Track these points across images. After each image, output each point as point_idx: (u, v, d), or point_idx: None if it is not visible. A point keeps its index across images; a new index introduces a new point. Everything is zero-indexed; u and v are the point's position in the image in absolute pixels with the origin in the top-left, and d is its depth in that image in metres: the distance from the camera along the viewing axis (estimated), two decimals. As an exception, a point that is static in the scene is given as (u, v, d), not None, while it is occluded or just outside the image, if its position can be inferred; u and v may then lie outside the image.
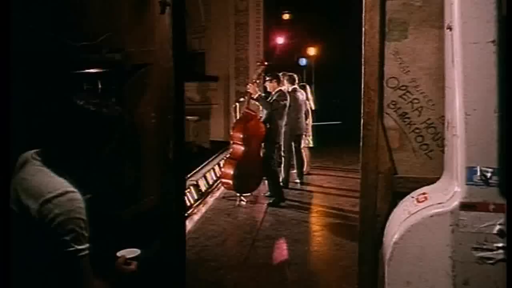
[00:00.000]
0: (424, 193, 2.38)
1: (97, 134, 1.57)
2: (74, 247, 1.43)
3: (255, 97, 6.15)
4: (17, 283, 1.48)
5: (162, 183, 2.83)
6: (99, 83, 2.78)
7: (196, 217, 5.75)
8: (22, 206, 1.46)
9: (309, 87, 8.27)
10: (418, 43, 2.57)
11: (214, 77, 10.85)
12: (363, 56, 2.62)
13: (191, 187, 6.19)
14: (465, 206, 2.11)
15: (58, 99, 1.63)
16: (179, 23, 2.86)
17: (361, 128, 2.65)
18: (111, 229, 1.64)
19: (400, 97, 2.61)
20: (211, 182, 7.14)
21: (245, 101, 6.37)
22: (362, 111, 2.64)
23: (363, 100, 2.63)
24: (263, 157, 6.29)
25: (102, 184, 1.69)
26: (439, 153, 2.54)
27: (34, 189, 1.46)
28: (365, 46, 2.61)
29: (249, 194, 6.47)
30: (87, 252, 1.47)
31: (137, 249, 1.80)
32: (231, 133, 6.47)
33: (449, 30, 2.23)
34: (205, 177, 7.01)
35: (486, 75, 2.07)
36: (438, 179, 2.43)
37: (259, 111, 6.47)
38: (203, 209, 6.10)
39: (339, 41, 15.15)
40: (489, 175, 2.06)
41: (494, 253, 2.07)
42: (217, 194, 6.88)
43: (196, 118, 10.05)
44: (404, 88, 2.60)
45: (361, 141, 2.65)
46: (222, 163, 7.42)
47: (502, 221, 2.05)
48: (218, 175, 7.41)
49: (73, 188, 1.48)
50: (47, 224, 1.41)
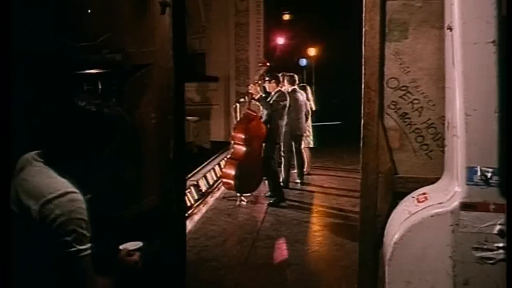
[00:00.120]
0: (424, 193, 2.38)
1: (98, 134, 1.58)
2: (75, 247, 1.43)
3: (256, 97, 6.16)
4: (18, 284, 1.49)
5: (162, 183, 2.84)
6: (100, 83, 2.78)
7: (196, 217, 5.75)
8: (22, 206, 1.46)
9: (309, 88, 8.28)
10: (418, 44, 2.57)
11: (214, 78, 10.85)
12: (363, 56, 2.62)
13: (192, 187, 6.19)
14: (466, 206, 2.11)
15: (58, 99, 1.64)
16: (179, 23, 2.86)
17: (362, 128, 2.65)
18: (112, 229, 1.64)
19: (400, 97, 2.61)
20: (211, 182, 7.14)
21: (247, 102, 6.38)
22: (362, 112, 2.64)
23: (363, 100, 2.64)
24: (263, 157, 6.29)
25: (103, 184, 1.69)
26: (439, 153, 2.54)
27: (34, 190, 1.46)
28: (365, 46, 2.61)
29: (249, 194, 6.47)
30: (89, 252, 1.47)
31: (139, 242, 1.81)
32: (233, 134, 6.47)
33: (449, 30, 2.23)
34: (205, 177, 7.01)
35: (486, 76, 2.08)
36: (438, 179, 2.43)
37: (259, 111, 6.48)
38: (203, 209, 6.10)
39: (339, 42, 15.14)
40: (489, 175, 2.06)
41: (494, 253, 2.07)
42: (217, 194, 6.88)
43: (196, 118, 10.06)
44: (404, 88, 2.60)
45: (362, 141, 2.65)
46: (223, 163, 7.43)
47: (502, 221, 2.05)
48: (218, 175, 7.41)
49: (74, 188, 1.48)
50: (48, 224, 1.42)
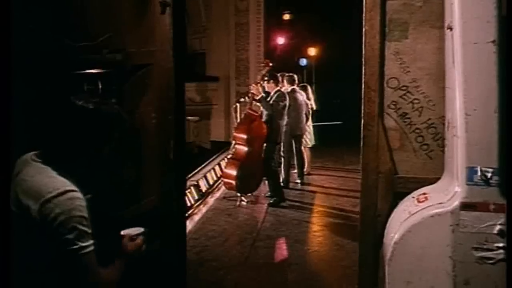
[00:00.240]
0: (424, 193, 2.38)
1: (96, 132, 1.58)
2: (78, 244, 1.44)
3: (257, 98, 6.16)
4: (17, 284, 1.49)
5: (162, 183, 2.84)
6: (100, 83, 2.78)
7: (196, 217, 5.75)
8: (21, 206, 1.46)
9: (310, 88, 8.27)
10: (418, 43, 2.57)
11: (214, 78, 10.85)
12: (363, 56, 2.62)
13: (192, 187, 6.19)
14: (466, 206, 2.11)
15: (58, 99, 1.64)
16: (179, 23, 2.86)
17: (362, 128, 2.65)
18: (112, 229, 1.64)
19: (400, 97, 2.61)
20: (211, 182, 7.14)
21: (248, 102, 6.39)
22: (362, 111, 2.64)
23: (363, 100, 2.64)
24: (263, 157, 6.29)
25: (102, 184, 1.69)
26: (439, 153, 2.54)
27: (33, 190, 1.47)
28: (365, 46, 2.61)
29: (249, 194, 6.47)
30: (91, 248, 1.48)
31: (140, 227, 1.81)
32: (234, 134, 6.47)
33: (449, 30, 2.23)
34: (205, 177, 7.01)
35: (486, 75, 2.08)
36: (438, 179, 2.43)
37: (259, 110, 6.47)
38: (203, 209, 6.10)
39: (339, 42, 15.14)
40: (489, 175, 2.07)
41: (494, 253, 2.07)
42: (217, 194, 6.88)
43: (196, 118, 10.05)
44: (404, 88, 2.60)
45: (362, 141, 2.65)
46: (224, 164, 7.42)
47: (502, 221, 2.05)
48: (218, 175, 7.41)
49: (73, 186, 1.48)
50: (49, 223, 1.42)
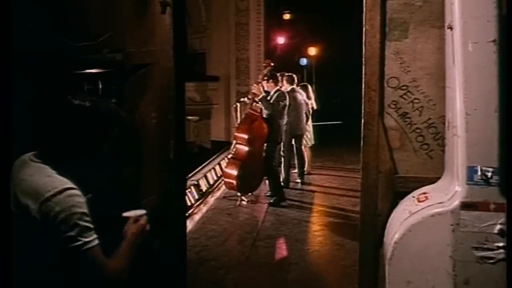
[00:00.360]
0: (424, 193, 2.38)
1: (94, 130, 1.58)
2: (81, 240, 1.44)
3: (259, 98, 6.16)
4: (17, 283, 1.49)
5: (162, 183, 2.84)
6: (100, 83, 2.78)
7: (196, 217, 5.75)
8: (20, 206, 1.46)
9: (310, 87, 8.27)
10: (418, 43, 2.57)
11: (214, 77, 10.85)
12: (363, 56, 2.62)
13: (192, 187, 6.19)
14: (466, 205, 2.11)
15: (58, 99, 1.64)
16: (179, 23, 2.86)
17: (362, 127, 2.65)
18: (112, 229, 1.64)
19: (400, 97, 2.61)
20: (212, 182, 7.14)
21: (250, 102, 6.39)
22: (362, 111, 2.64)
23: (363, 100, 2.63)
24: (264, 157, 6.29)
25: (102, 183, 1.69)
26: (439, 152, 2.54)
27: (32, 189, 1.47)
28: (365, 46, 2.61)
29: (250, 194, 6.47)
30: (96, 242, 1.48)
31: (141, 209, 1.80)
32: (235, 134, 6.47)
33: (449, 29, 2.23)
34: (205, 177, 7.01)
35: (486, 75, 2.08)
36: (438, 178, 2.43)
37: (259, 110, 6.47)
38: (203, 209, 6.10)
39: (339, 41, 15.14)
40: (489, 174, 2.06)
41: (494, 252, 2.07)
42: (217, 194, 6.88)
43: (196, 118, 10.06)
44: (404, 88, 2.60)
45: (362, 140, 2.65)
46: (224, 163, 7.42)
47: (502, 220, 2.05)
48: (219, 175, 7.41)
49: (72, 184, 1.49)
50: (50, 222, 1.42)
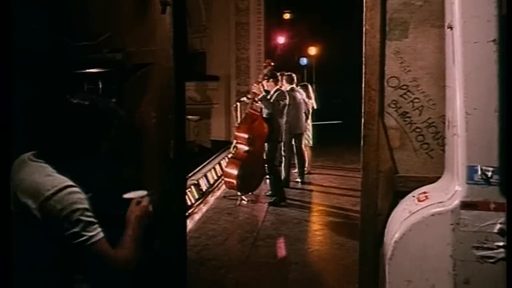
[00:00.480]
0: (424, 192, 2.38)
1: (93, 128, 1.59)
2: (86, 235, 1.45)
3: (259, 97, 6.17)
4: (17, 283, 1.49)
5: (163, 183, 2.83)
6: (100, 82, 2.78)
7: (197, 217, 5.75)
8: (20, 204, 1.47)
9: (310, 87, 8.27)
10: (418, 43, 2.57)
11: (215, 77, 10.86)
12: (363, 55, 2.62)
13: (192, 187, 6.19)
14: (466, 205, 2.11)
15: (58, 98, 1.64)
16: (180, 22, 2.86)
17: (362, 127, 2.65)
18: (112, 228, 1.64)
19: (400, 96, 2.61)
20: (212, 181, 7.14)
21: (250, 101, 6.39)
22: (363, 111, 2.64)
23: (363, 99, 2.63)
24: (267, 157, 6.30)
25: (102, 182, 1.69)
26: (439, 152, 2.54)
27: (32, 189, 1.47)
28: (365, 45, 2.61)
29: (250, 193, 6.48)
30: (101, 235, 1.49)
31: (142, 191, 1.80)
32: (235, 133, 6.47)
33: (449, 29, 2.22)
34: (206, 176, 7.01)
35: (486, 74, 2.07)
36: (438, 178, 2.43)
37: (259, 109, 6.47)
38: (204, 209, 6.10)
39: (339, 41, 15.15)
40: (489, 174, 2.06)
41: (494, 252, 2.07)
42: (218, 193, 6.88)
43: (197, 117, 10.06)
44: (405, 87, 2.60)
45: (362, 140, 2.65)
46: (224, 163, 7.42)
47: (502, 220, 2.05)
48: (219, 175, 7.42)
49: (71, 182, 1.49)
50: (53, 221, 1.43)
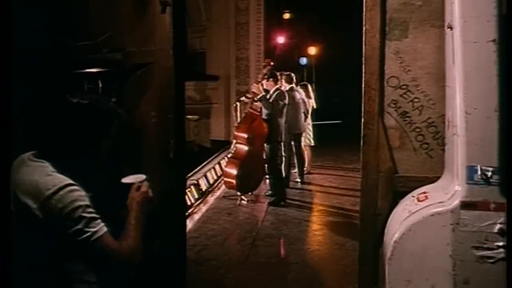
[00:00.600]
0: (424, 192, 2.38)
1: (93, 127, 1.58)
2: (89, 231, 1.45)
3: (258, 97, 6.17)
4: (17, 282, 1.49)
5: (162, 182, 2.83)
6: (100, 82, 2.79)
7: (196, 216, 5.75)
8: (20, 204, 1.47)
9: (310, 86, 8.28)
10: (418, 42, 2.57)
11: (214, 77, 10.85)
12: (363, 55, 2.62)
13: (192, 187, 6.19)
14: (466, 205, 2.11)
15: (58, 98, 1.64)
16: (179, 22, 2.86)
17: (362, 127, 2.65)
18: (112, 228, 1.64)
19: (400, 96, 2.61)
20: (211, 181, 7.14)
21: (250, 101, 6.39)
22: (362, 110, 2.64)
23: (363, 99, 2.64)
24: (268, 156, 6.30)
25: (102, 182, 1.69)
26: (439, 152, 2.54)
27: (32, 189, 1.47)
28: (365, 45, 2.61)
29: (249, 193, 6.48)
30: (105, 230, 1.48)
31: (139, 175, 1.79)
32: (235, 133, 6.47)
33: (449, 29, 2.23)
34: (205, 176, 7.01)
35: (486, 74, 2.08)
36: (438, 178, 2.43)
37: (259, 109, 6.47)
38: (203, 208, 6.10)
39: (339, 41, 15.16)
40: (489, 174, 2.06)
41: (494, 252, 2.07)
42: (217, 193, 6.88)
43: (196, 117, 10.05)
44: (404, 87, 2.60)
45: (362, 140, 2.65)
46: (223, 163, 7.42)
47: (502, 220, 2.05)
48: (218, 174, 7.41)
49: (71, 181, 1.49)
50: (55, 220, 1.43)
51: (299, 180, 7.47)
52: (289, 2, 14.84)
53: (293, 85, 7.30)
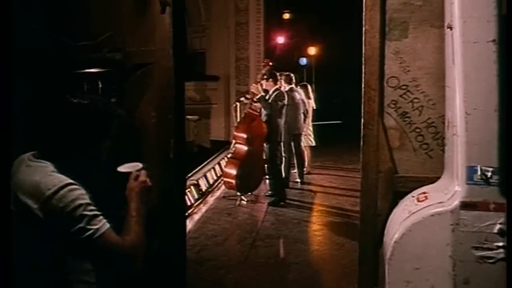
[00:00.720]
0: (424, 193, 2.38)
1: (92, 127, 1.58)
2: (92, 229, 1.45)
3: (257, 97, 6.17)
4: (18, 282, 1.49)
5: (162, 182, 2.83)
6: (100, 82, 2.79)
7: (196, 217, 5.75)
8: (20, 204, 1.47)
9: (310, 87, 8.27)
10: (418, 43, 2.57)
11: (214, 77, 10.85)
12: (363, 55, 2.62)
13: (192, 187, 6.19)
14: (466, 205, 2.11)
15: (57, 98, 1.64)
16: (179, 22, 2.86)
17: (362, 127, 2.65)
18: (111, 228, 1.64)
19: (400, 96, 2.61)
20: (211, 181, 7.14)
21: (249, 101, 6.39)
22: (362, 111, 2.64)
23: (363, 99, 2.64)
24: (268, 157, 6.29)
25: (102, 183, 1.69)
26: (439, 152, 2.54)
27: (32, 189, 1.47)
28: (365, 45, 2.61)
29: (249, 193, 6.47)
30: (107, 226, 1.48)
31: (136, 163, 1.77)
32: (235, 133, 6.47)
33: (449, 29, 2.23)
34: (205, 176, 7.01)
35: (486, 74, 2.08)
36: (438, 178, 2.43)
37: (258, 109, 6.47)
38: (203, 209, 6.10)
39: (339, 41, 15.15)
40: (489, 174, 2.07)
41: (494, 252, 2.07)
42: (217, 193, 6.88)
43: (196, 117, 10.05)
44: (404, 87, 2.60)
45: (362, 140, 2.65)
46: (223, 163, 7.42)
47: (502, 220, 2.05)
48: (218, 175, 7.41)
49: (71, 180, 1.49)
50: (56, 219, 1.43)
51: (299, 180, 7.47)
52: (289, 2, 14.83)
53: (293, 85, 7.29)
